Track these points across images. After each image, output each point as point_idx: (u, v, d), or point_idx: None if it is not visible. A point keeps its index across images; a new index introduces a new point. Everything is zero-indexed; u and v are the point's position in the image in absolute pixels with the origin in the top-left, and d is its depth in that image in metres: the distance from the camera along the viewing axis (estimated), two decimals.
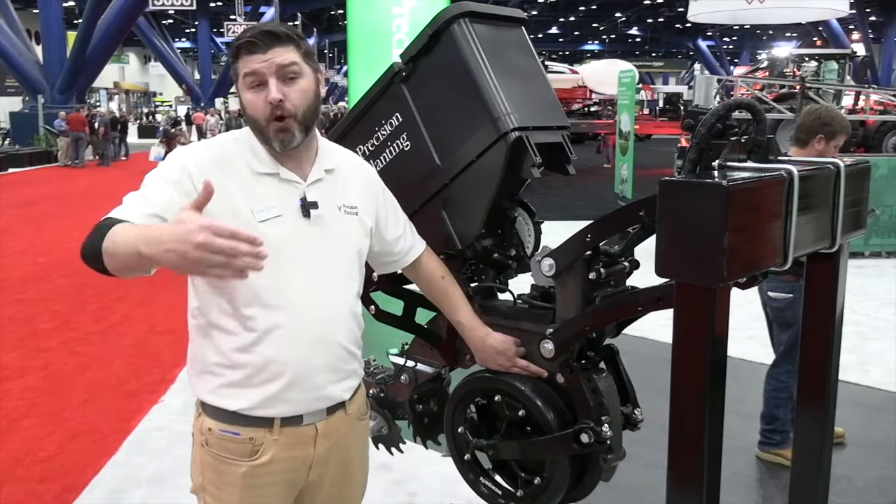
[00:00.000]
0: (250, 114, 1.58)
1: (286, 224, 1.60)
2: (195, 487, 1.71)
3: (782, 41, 44.73)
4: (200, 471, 1.69)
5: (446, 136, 1.90)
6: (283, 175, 1.62)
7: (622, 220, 1.66)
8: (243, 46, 1.56)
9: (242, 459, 1.63)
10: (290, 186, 1.63)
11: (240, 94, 1.60)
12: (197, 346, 1.67)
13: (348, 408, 1.74)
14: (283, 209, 1.60)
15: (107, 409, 4.39)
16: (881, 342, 5.49)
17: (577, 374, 1.77)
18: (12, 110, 25.65)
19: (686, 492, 1.46)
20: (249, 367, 1.60)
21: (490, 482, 1.95)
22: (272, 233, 1.54)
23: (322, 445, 1.69)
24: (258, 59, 1.55)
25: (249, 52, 1.55)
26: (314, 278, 1.63)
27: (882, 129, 15.32)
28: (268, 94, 1.54)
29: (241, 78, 1.57)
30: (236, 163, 1.60)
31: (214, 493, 1.67)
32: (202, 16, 38.48)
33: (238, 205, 1.56)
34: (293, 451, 1.66)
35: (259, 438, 1.62)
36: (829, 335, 1.77)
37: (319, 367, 1.64)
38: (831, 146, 3.38)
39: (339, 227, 1.68)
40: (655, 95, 32.34)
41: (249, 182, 1.59)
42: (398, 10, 6.57)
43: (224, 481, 1.65)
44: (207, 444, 1.66)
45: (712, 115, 1.56)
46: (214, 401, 1.64)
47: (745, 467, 3.63)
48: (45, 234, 10.15)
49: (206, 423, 1.66)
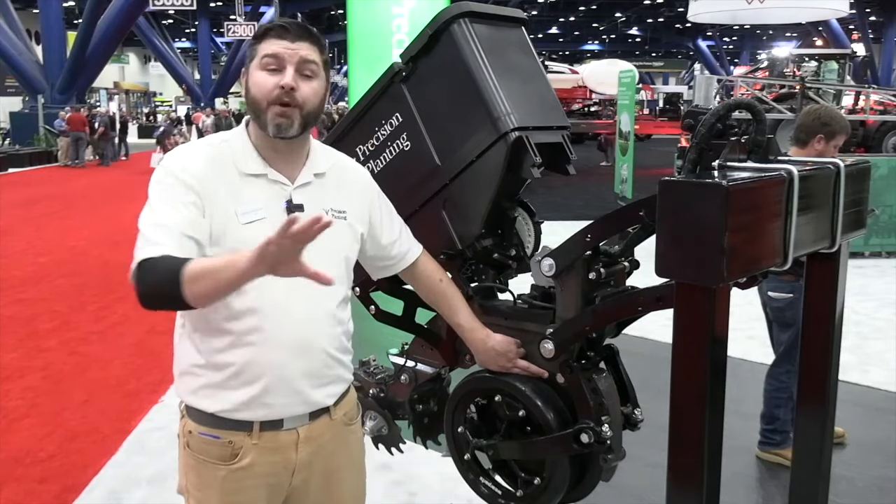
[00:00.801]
0: (255, 94, 1.57)
1: (270, 227, 1.53)
2: (180, 488, 1.72)
3: (782, 41, 44.71)
4: (184, 472, 1.70)
5: (446, 136, 1.90)
6: (271, 176, 1.61)
7: (622, 220, 1.66)
8: (273, 29, 1.57)
9: (221, 463, 1.62)
10: (278, 188, 1.61)
11: (248, 74, 1.59)
12: (179, 347, 1.67)
13: (333, 413, 1.72)
14: (267, 211, 1.58)
15: (107, 409, 4.38)
16: (881, 342, 5.48)
17: (577, 374, 1.77)
18: (12, 110, 25.65)
19: (686, 492, 1.46)
20: (228, 369, 1.59)
21: (490, 482, 1.96)
22: (255, 235, 1.49)
23: (304, 450, 1.67)
24: (284, 45, 1.56)
25: (278, 36, 1.56)
26: (296, 282, 1.52)
27: (882, 129, 15.32)
28: (282, 78, 1.55)
29: (259, 58, 1.57)
30: (224, 164, 1.60)
31: (197, 496, 1.67)
32: (202, 16, 38.47)
33: (224, 206, 1.56)
34: (273, 456, 1.64)
35: (238, 442, 1.61)
36: (829, 335, 1.77)
37: (300, 371, 1.62)
38: (831, 146, 3.37)
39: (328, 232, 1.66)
40: (655, 95, 32.37)
41: (236, 183, 1.59)
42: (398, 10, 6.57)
43: (205, 484, 1.65)
44: (189, 446, 1.66)
45: (712, 115, 1.56)
46: (195, 402, 1.64)
47: (745, 467, 3.62)
48: (45, 234, 10.15)
49: (188, 425, 1.66)
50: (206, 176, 1.55)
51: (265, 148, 1.62)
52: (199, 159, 1.59)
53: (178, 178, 1.55)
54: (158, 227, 1.50)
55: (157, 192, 1.55)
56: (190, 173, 1.55)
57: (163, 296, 1.43)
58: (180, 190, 1.54)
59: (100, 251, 8.97)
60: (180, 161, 1.59)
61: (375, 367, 2.28)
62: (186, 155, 1.61)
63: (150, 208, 1.54)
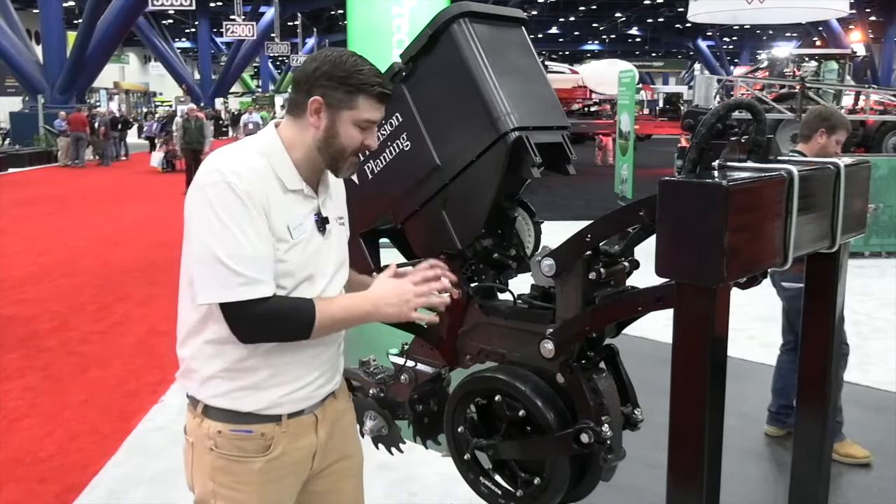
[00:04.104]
0: (345, 144, 1.65)
1: (311, 242, 1.67)
2: (203, 494, 1.71)
3: (782, 41, 44.72)
4: (209, 476, 1.69)
5: (446, 135, 1.90)
6: (307, 192, 1.68)
7: (622, 220, 1.66)
8: (380, 95, 1.64)
9: (257, 456, 1.69)
10: (310, 202, 1.70)
11: (337, 121, 1.63)
12: (200, 354, 1.68)
13: (337, 394, 1.87)
14: (308, 226, 1.67)
15: (107, 409, 4.39)
16: (881, 342, 5.49)
17: (577, 374, 1.77)
18: (12, 110, 25.64)
19: (686, 492, 1.46)
20: (261, 371, 1.67)
21: (490, 482, 1.95)
22: (304, 250, 1.65)
23: (322, 431, 1.79)
24: (381, 111, 1.67)
25: (381, 101, 1.65)
26: (324, 289, 1.71)
27: (882, 129, 15.33)
28: (368, 138, 1.67)
29: (359, 119, 1.63)
30: (270, 178, 1.62)
31: (229, 496, 1.69)
32: (202, 16, 38.46)
33: (278, 221, 1.60)
34: (300, 441, 1.74)
35: (269, 433, 1.69)
36: (829, 335, 1.77)
37: (319, 369, 1.76)
38: (832, 140, 3.58)
39: (338, 239, 1.78)
40: (655, 95, 32.36)
41: (281, 198, 1.63)
42: (398, 10, 6.57)
43: (239, 481, 1.68)
44: (217, 447, 1.68)
45: (712, 115, 1.56)
46: (226, 404, 1.67)
47: (745, 467, 3.63)
48: (45, 234, 10.15)
49: (213, 426, 1.68)
50: (264, 191, 1.59)
51: (303, 163, 1.67)
52: (255, 174, 1.59)
53: (249, 197, 1.55)
54: (252, 262, 1.54)
55: (232, 215, 1.54)
56: (254, 189, 1.57)
57: (282, 338, 1.64)
58: (254, 213, 1.56)
59: (100, 251, 8.98)
60: (242, 177, 1.56)
61: (375, 367, 2.28)
62: (244, 169, 1.58)
63: (228, 233, 1.53)
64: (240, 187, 1.54)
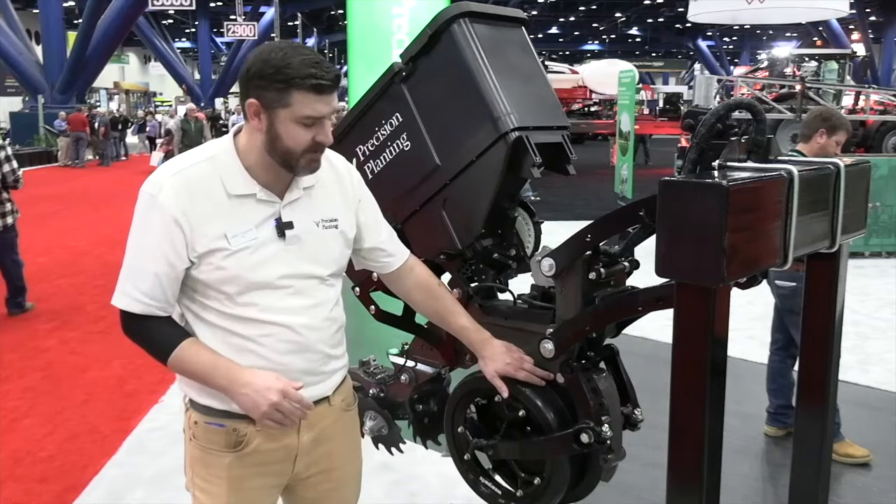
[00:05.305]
0: (289, 145, 1.55)
1: (263, 247, 1.60)
2: (187, 483, 1.75)
3: (782, 41, 44.68)
4: (191, 466, 1.73)
5: (446, 135, 1.90)
6: (260, 196, 1.60)
7: (622, 220, 1.66)
8: (315, 87, 1.51)
9: (227, 450, 1.66)
10: (267, 206, 1.61)
11: (275, 121, 1.54)
12: None
13: (332, 400, 1.77)
14: (258, 232, 1.59)
15: (107, 409, 4.38)
16: (881, 342, 5.48)
17: (577, 374, 1.77)
18: (12, 110, 25.63)
19: (686, 492, 1.46)
20: None
21: (490, 482, 1.96)
22: (249, 257, 1.58)
23: (306, 435, 1.72)
24: (324, 103, 1.54)
25: (318, 93, 1.52)
26: (292, 295, 1.64)
27: (882, 129, 15.30)
28: (318, 134, 1.55)
29: (296, 116, 1.53)
30: (211, 184, 1.58)
31: (203, 487, 1.70)
32: (202, 16, 38.44)
33: (213, 229, 1.56)
34: (278, 441, 1.68)
35: (242, 430, 1.66)
36: (829, 335, 1.77)
37: (299, 372, 1.66)
38: (832, 141, 3.58)
39: (316, 243, 1.67)
40: (655, 95, 32.32)
41: (225, 205, 1.58)
42: (398, 10, 6.56)
43: (211, 473, 1.68)
44: (195, 437, 1.69)
45: (712, 115, 1.56)
46: (201, 399, 1.68)
47: (745, 467, 3.63)
48: (45, 234, 10.13)
49: (193, 416, 1.70)
50: (195, 201, 1.55)
51: (257, 167, 1.60)
52: (187, 184, 1.56)
53: (166, 213, 1.54)
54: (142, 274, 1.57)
55: (142, 226, 1.58)
56: (176, 203, 1.54)
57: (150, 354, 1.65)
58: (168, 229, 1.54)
59: (100, 251, 8.97)
60: (168, 190, 1.55)
61: (375, 367, 2.28)
62: (173, 180, 1.57)
63: (134, 242, 1.59)
64: (157, 199, 1.55)
